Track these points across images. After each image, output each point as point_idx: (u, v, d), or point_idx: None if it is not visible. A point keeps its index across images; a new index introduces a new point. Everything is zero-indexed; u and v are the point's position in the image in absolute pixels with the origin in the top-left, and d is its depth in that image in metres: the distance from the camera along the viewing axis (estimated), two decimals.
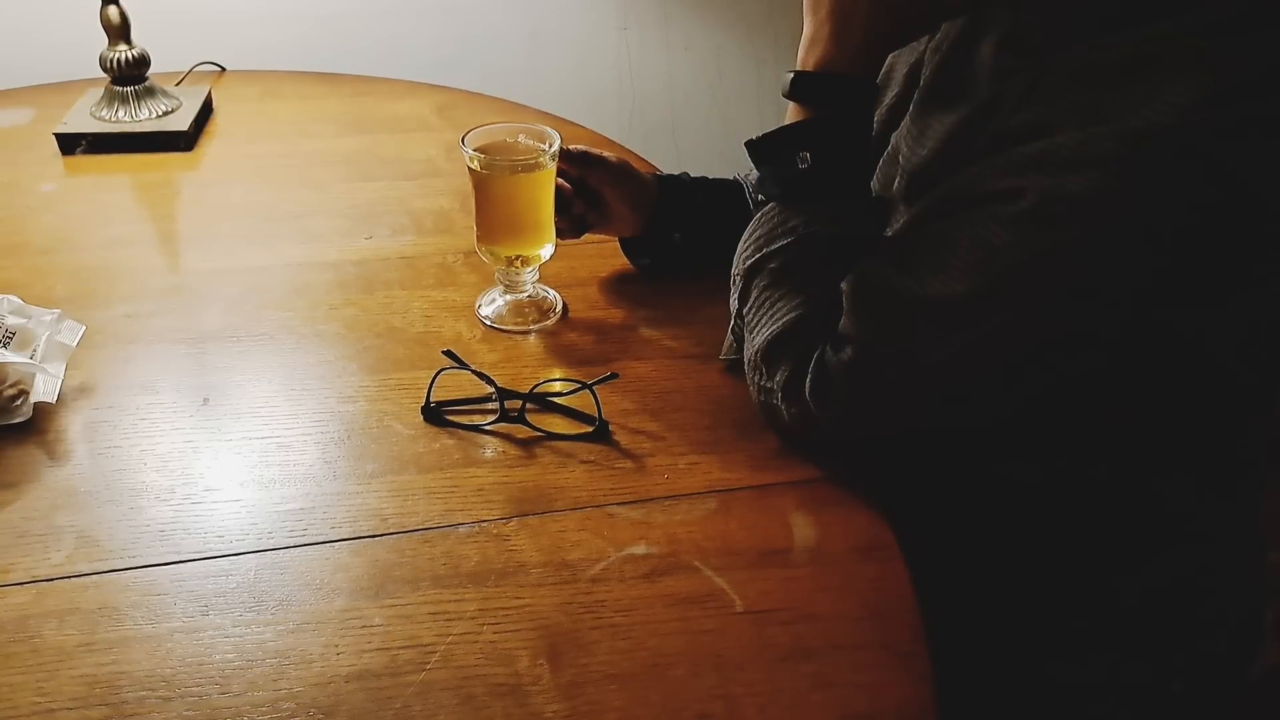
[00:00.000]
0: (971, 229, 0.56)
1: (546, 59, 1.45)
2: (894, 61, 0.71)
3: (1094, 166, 0.52)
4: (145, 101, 1.06)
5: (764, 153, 0.66)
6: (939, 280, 0.57)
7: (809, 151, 0.63)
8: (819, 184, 0.64)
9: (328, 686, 0.52)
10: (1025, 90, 0.56)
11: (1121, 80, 0.53)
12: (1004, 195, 0.55)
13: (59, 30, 1.21)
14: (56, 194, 0.98)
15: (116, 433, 0.68)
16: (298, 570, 0.58)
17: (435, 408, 0.69)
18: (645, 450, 0.67)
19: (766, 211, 0.66)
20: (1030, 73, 0.56)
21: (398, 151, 1.05)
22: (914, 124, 0.64)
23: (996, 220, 0.55)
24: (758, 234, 0.66)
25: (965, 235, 0.57)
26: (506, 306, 0.80)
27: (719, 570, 0.59)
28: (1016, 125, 0.56)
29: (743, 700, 0.52)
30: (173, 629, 0.55)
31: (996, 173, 0.56)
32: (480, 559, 0.59)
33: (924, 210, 0.61)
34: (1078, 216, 0.53)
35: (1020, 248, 0.55)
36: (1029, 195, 0.54)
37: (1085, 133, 0.53)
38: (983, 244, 0.56)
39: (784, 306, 0.64)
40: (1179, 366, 0.59)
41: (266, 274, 0.85)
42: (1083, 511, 0.66)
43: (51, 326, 0.71)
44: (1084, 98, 0.54)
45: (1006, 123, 0.57)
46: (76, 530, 0.60)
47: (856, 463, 0.66)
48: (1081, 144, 0.53)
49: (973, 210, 0.57)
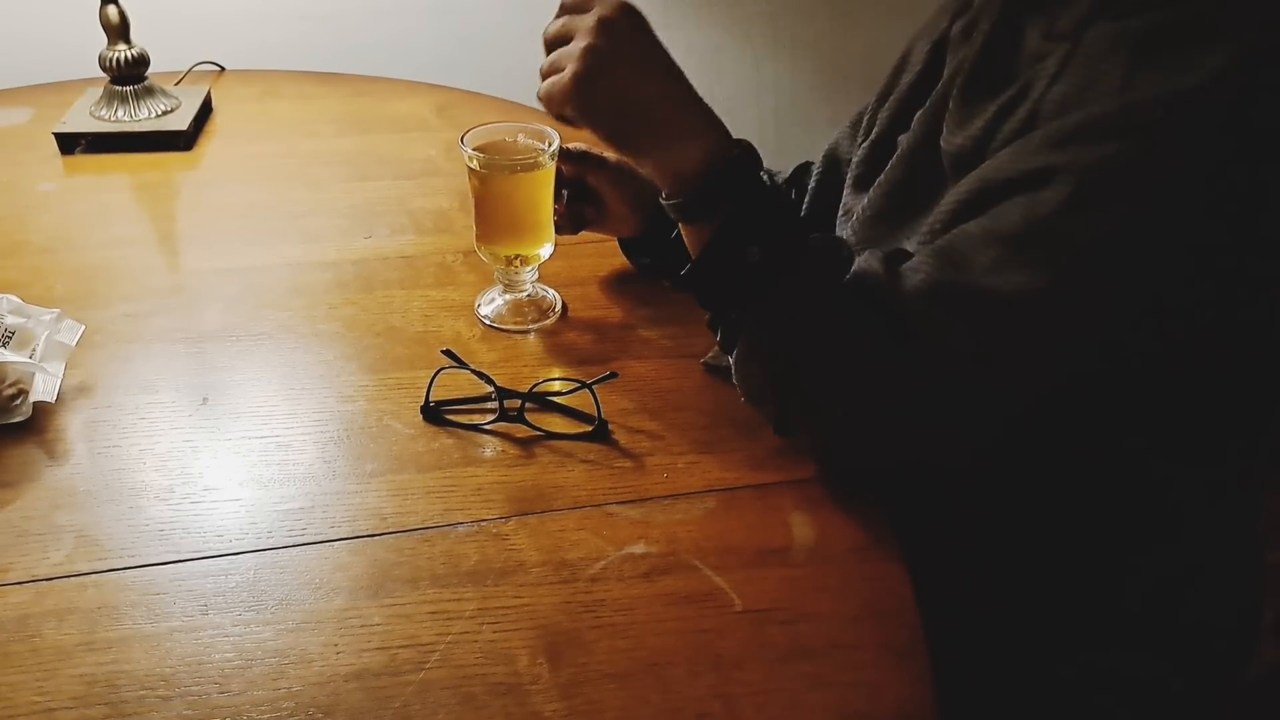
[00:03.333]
0: (1020, 213, 0.54)
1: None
2: (913, 43, 0.70)
3: (1136, 133, 0.51)
4: (144, 101, 1.06)
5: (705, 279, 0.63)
6: (1000, 275, 0.55)
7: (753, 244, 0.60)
8: (784, 260, 0.60)
9: (327, 685, 0.52)
10: (1057, 68, 0.56)
11: (1153, 49, 0.52)
12: (1044, 173, 0.53)
13: (58, 30, 1.20)
14: (56, 193, 0.98)
15: (116, 432, 0.68)
16: (297, 569, 0.58)
17: (434, 407, 0.69)
18: (645, 450, 0.67)
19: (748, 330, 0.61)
20: (1061, 50, 0.56)
21: (397, 151, 1.05)
22: (957, 110, 0.62)
23: (1045, 206, 0.53)
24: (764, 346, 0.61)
25: (1015, 222, 0.54)
26: (506, 306, 0.80)
27: (718, 570, 0.59)
28: (1050, 102, 0.55)
29: (741, 699, 0.52)
30: (172, 628, 0.55)
31: (1034, 151, 0.54)
32: (479, 558, 0.59)
33: (963, 202, 0.59)
34: (1125, 187, 0.52)
35: (1075, 228, 0.53)
36: (1071, 170, 0.52)
37: (1122, 100, 0.52)
38: (1037, 228, 0.54)
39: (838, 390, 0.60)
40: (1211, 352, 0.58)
41: (266, 273, 0.85)
42: (1083, 508, 0.65)
43: (51, 326, 0.71)
44: (1116, 68, 0.53)
45: (1040, 102, 0.56)
46: (76, 529, 0.60)
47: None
48: (1120, 112, 0.52)
49: (1017, 194, 0.55)
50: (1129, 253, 0.53)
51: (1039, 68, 0.57)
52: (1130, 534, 0.65)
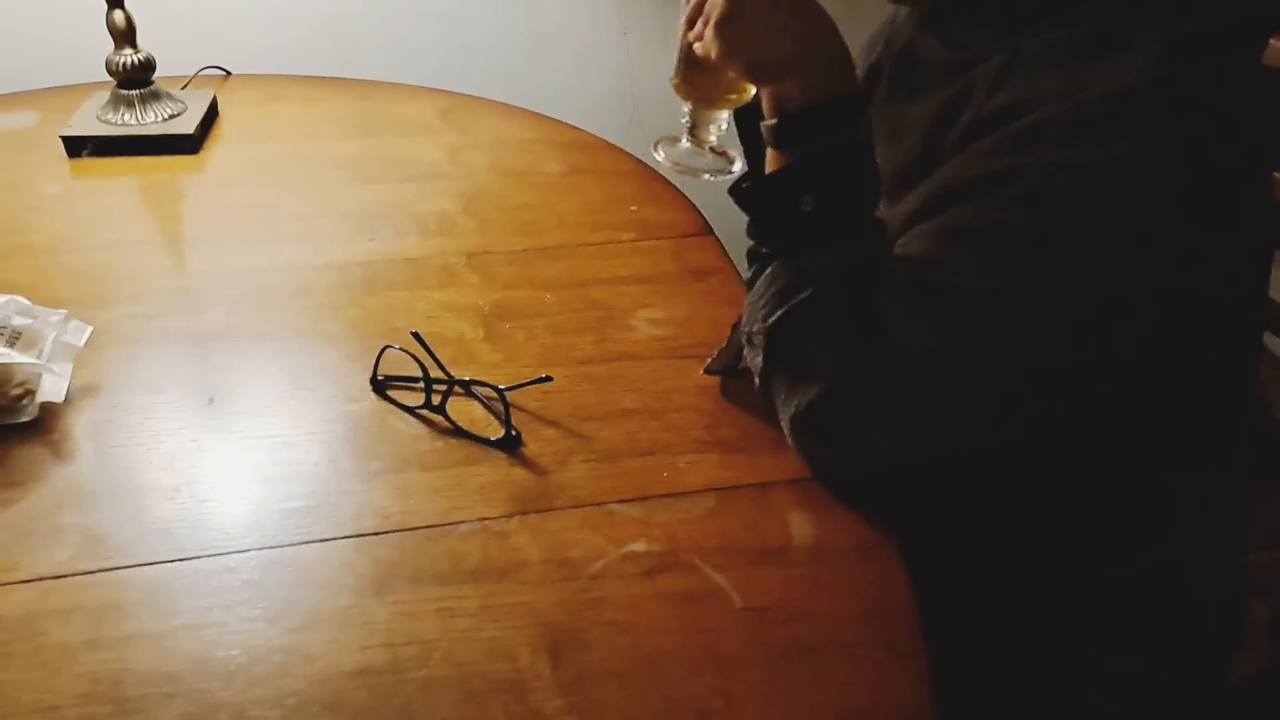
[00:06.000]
0: (978, 219, 0.56)
1: (547, 64, 1.46)
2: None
3: (1087, 131, 0.52)
4: (151, 105, 1.07)
5: (758, 201, 0.63)
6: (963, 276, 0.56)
7: (811, 193, 0.60)
8: (828, 225, 0.61)
9: (330, 683, 0.53)
10: (998, 74, 0.57)
11: (1091, 52, 0.54)
12: (1001, 176, 0.55)
13: (65, 34, 1.21)
14: (62, 196, 0.99)
15: (122, 432, 0.68)
16: (301, 568, 0.59)
17: (383, 381, 0.71)
18: (645, 448, 0.67)
19: (777, 265, 0.63)
20: (1000, 57, 0.57)
21: (401, 154, 1.06)
22: (882, 122, 0.63)
23: (1003, 205, 0.55)
24: (772, 290, 0.63)
25: (974, 227, 0.56)
26: (688, 152, 0.72)
27: (718, 568, 0.59)
28: (995, 108, 0.56)
29: (742, 698, 0.52)
30: (176, 626, 0.55)
31: (986, 156, 0.56)
32: (482, 557, 0.60)
33: (918, 210, 0.61)
34: (1083, 184, 0.53)
35: (1039, 228, 0.54)
36: (1029, 173, 0.54)
37: (1072, 102, 0.53)
38: (998, 232, 0.55)
39: (824, 360, 0.61)
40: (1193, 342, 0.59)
41: (271, 275, 0.85)
42: (1075, 505, 0.66)
43: (58, 327, 0.72)
44: (1060, 72, 0.55)
45: (982, 107, 0.57)
46: (81, 528, 0.61)
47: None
48: (1072, 114, 0.53)
49: (974, 200, 0.56)
50: (1088, 249, 0.54)
51: (977, 73, 0.58)
52: (1125, 524, 0.66)
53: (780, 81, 0.60)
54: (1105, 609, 0.68)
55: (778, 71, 0.60)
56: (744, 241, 0.67)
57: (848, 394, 0.60)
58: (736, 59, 0.60)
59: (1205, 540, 0.68)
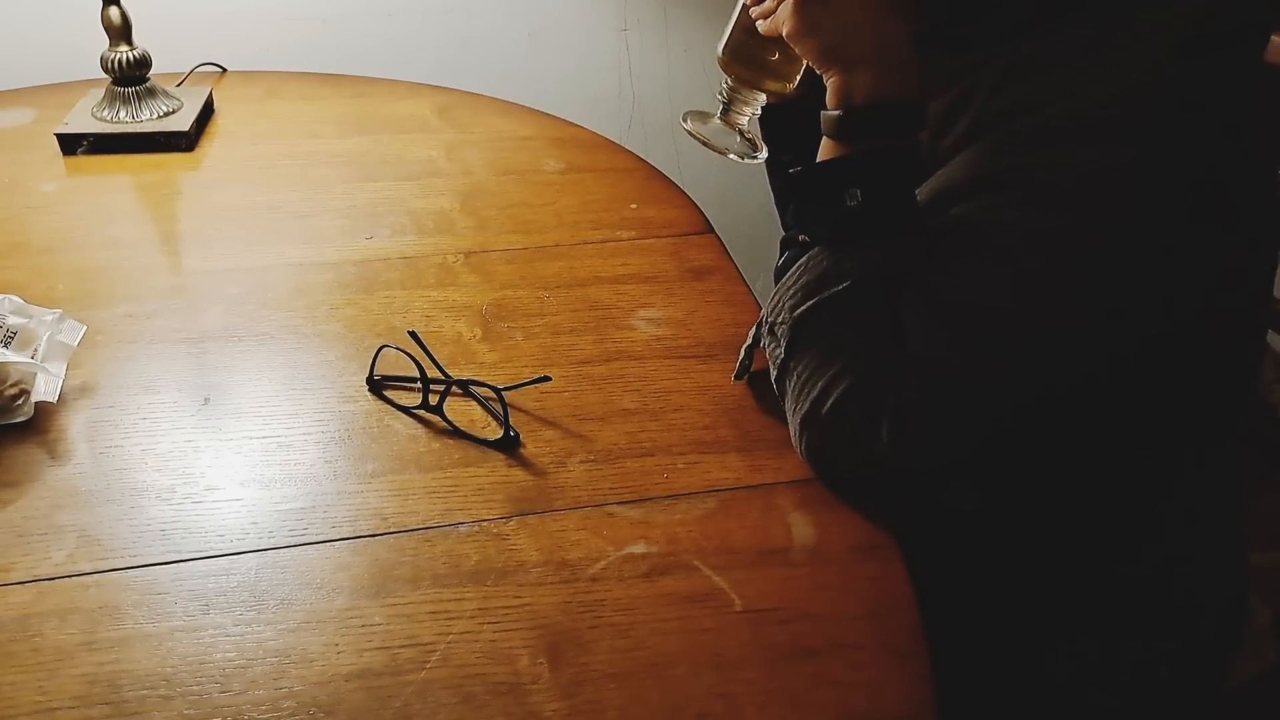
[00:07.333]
0: (981, 220, 0.55)
1: (546, 61, 1.45)
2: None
3: (1093, 135, 0.53)
4: (146, 102, 1.06)
5: (807, 188, 0.63)
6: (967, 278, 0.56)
7: (860, 188, 0.60)
8: (871, 223, 0.61)
9: (328, 685, 0.52)
10: (999, 78, 0.57)
11: (1092, 54, 0.54)
12: (1003, 177, 0.55)
13: (60, 31, 1.21)
14: (57, 194, 0.98)
15: (117, 432, 0.68)
16: (298, 569, 0.58)
17: (379, 380, 0.71)
18: (644, 449, 0.67)
19: (814, 255, 0.63)
20: (1000, 61, 0.57)
21: (398, 152, 1.05)
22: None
23: (1005, 205, 0.55)
24: (805, 280, 0.62)
25: (977, 228, 0.56)
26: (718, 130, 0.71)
27: (718, 569, 0.59)
28: (996, 109, 0.56)
29: (742, 699, 0.52)
30: (173, 628, 0.55)
31: (988, 157, 0.56)
32: (480, 558, 0.59)
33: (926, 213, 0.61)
34: (1087, 185, 0.53)
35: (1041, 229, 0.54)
36: (1031, 173, 0.54)
37: (1074, 103, 0.53)
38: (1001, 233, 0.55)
39: (852, 352, 0.60)
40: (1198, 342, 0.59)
41: (267, 274, 0.85)
42: (1077, 504, 0.66)
43: (53, 326, 0.71)
44: (1062, 74, 0.55)
45: (984, 109, 0.57)
46: (77, 529, 0.60)
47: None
48: (1078, 114, 0.53)
49: (976, 200, 0.56)
50: (1091, 250, 0.54)
51: (977, 76, 0.58)
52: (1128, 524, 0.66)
53: (851, 73, 0.60)
54: (1106, 609, 0.68)
55: (852, 62, 0.60)
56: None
57: (870, 389, 0.60)
58: (811, 41, 0.60)
59: (1206, 540, 0.68)
